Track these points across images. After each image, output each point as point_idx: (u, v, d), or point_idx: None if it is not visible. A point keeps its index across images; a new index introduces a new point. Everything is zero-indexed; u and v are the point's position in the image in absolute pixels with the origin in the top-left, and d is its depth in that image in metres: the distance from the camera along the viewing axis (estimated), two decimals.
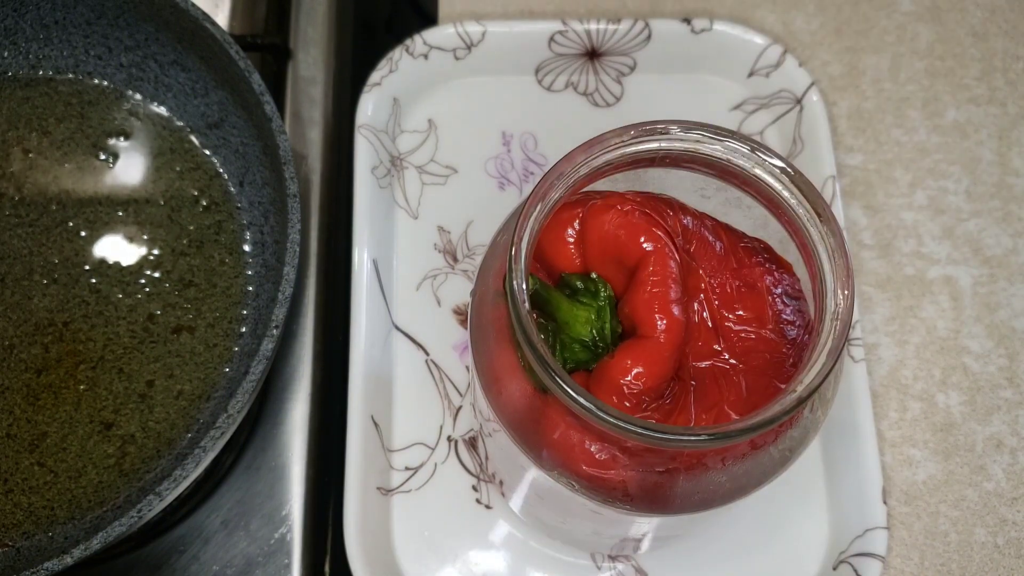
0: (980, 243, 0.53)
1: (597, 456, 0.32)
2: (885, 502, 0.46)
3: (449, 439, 0.48)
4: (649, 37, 0.54)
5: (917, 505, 0.48)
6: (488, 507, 0.47)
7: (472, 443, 0.48)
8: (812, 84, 0.53)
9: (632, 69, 0.55)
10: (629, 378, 0.31)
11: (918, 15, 0.58)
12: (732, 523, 0.47)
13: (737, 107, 0.54)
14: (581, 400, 0.29)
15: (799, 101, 0.53)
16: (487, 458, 0.47)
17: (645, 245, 0.33)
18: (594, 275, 0.34)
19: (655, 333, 0.32)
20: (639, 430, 0.29)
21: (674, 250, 0.33)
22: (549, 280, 0.35)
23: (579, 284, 0.34)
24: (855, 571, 0.45)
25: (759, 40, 0.54)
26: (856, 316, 0.49)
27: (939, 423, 0.49)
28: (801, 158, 0.53)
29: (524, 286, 0.31)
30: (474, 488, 0.47)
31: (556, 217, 0.34)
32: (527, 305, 0.30)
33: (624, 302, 0.33)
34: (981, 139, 0.55)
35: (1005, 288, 0.52)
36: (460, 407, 0.48)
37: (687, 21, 0.53)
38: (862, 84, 0.56)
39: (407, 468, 0.47)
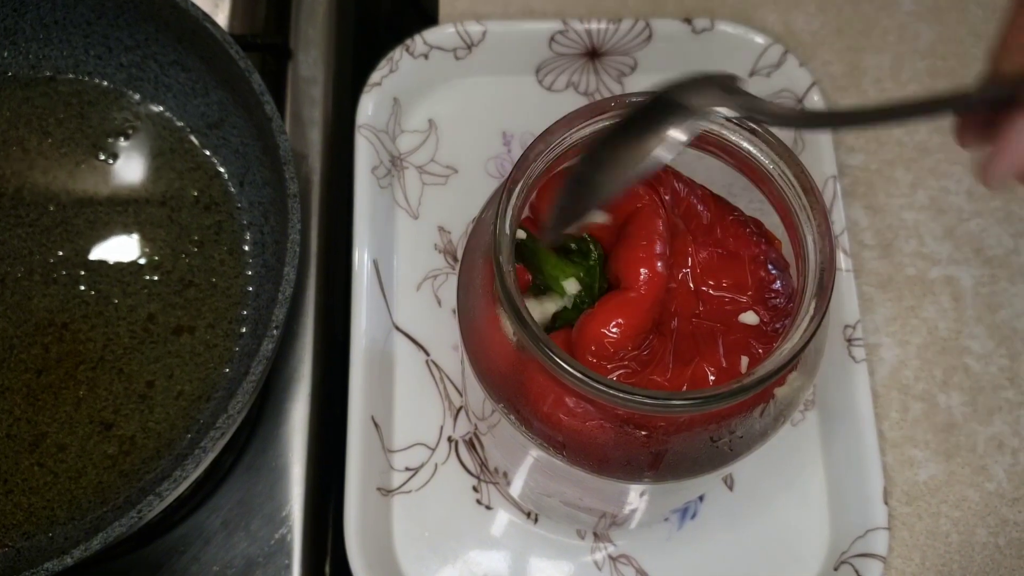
0: (981, 243, 0.53)
1: (575, 408, 0.32)
2: (886, 502, 0.46)
3: (449, 440, 0.48)
4: (650, 37, 0.54)
5: (918, 505, 0.48)
6: (488, 507, 0.47)
7: (472, 443, 0.48)
8: (813, 84, 0.53)
9: (633, 69, 0.55)
10: (607, 328, 0.32)
11: (919, 15, 0.57)
12: (733, 523, 0.47)
13: None
14: (548, 351, 0.30)
15: (800, 101, 0.53)
16: (487, 457, 0.47)
17: (634, 202, 0.33)
18: (585, 235, 0.34)
19: (636, 285, 0.32)
20: (605, 389, 0.29)
21: (662, 210, 0.33)
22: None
23: (572, 245, 0.35)
24: (856, 572, 0.45)
25: (760, 40, 0.53)
26: (857, 316, 0.49)
27: (940, 423, 0.49)
28: (802, 158, 0.52)
29: (509, 232, 0.31)
30: (475, 489, 0.47)
31: (554, 182, 0.35)
32: (510, 246, 0.31)
33: (611, 258, 0.34)
34: None
35: (1006, 288, 0.52)
36: (460, 407, 0.48)
37: (688, 21, 0.53)
38: (863, 84, 0.56)
39: (407, 469, 0.47)
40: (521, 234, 0.34)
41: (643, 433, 0.32)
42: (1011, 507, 0.48)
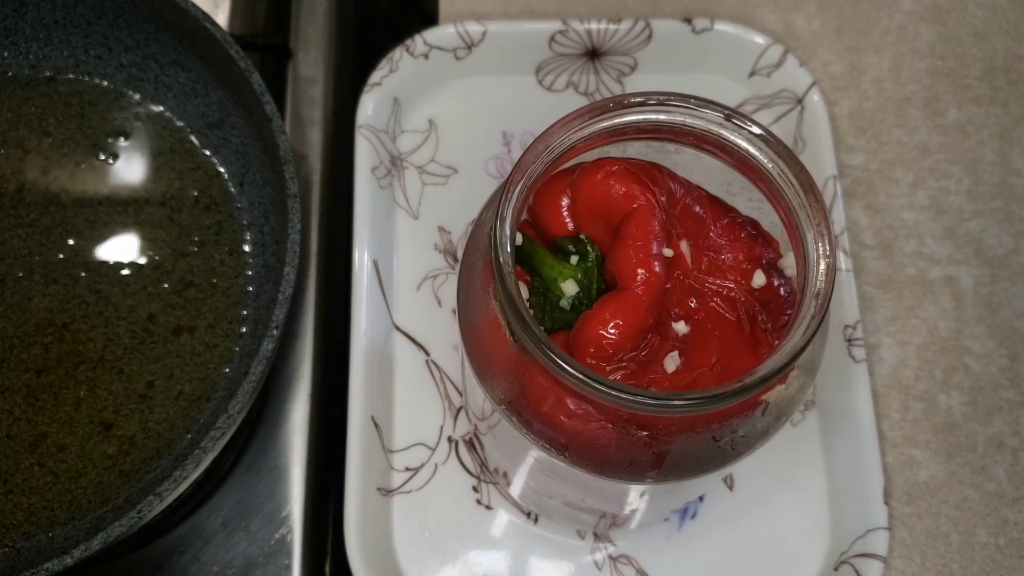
0: (981, 243, 0.53)
1: (576, 409, 0.32)
2: (886, 502, 0.46)
3: (449, 440, 0.48)
4: (650, 37, 0.54)
5: (919, 505, 0.48)
6: (488, 507, 0.47)
7: (472, 443, 0.48)
8: (813, 84, 0.53)
9: (633, 69, 0.55)
10: (606, 329, 0.32)
11: (919, 15, 0.57)
12: (733, 523, 0.47)
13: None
14: (549, 353, 0.30)
15: (800, 101, 0.53)
16: (487, 457, 0.47)
17: (630, 202, 0.33)
18: (582, 236, 0.35)
19: (634, 285, 0.32)
20: (607, 390, 0.29)
21: (658, 209, 0.33)
22: (545, 246, 0.36)
23: (570, 247, 0.35)
24: (856, 572, 0.45)
25: (760, 40, 0.53)
26: (857, 316, 0.49)
27: (940, 423, 0.49)
28: (802, 158, 0.52)
29: (508, 234, 0.31)
30: (475, 489, 0.47)
31: (550, 185, 0.35)
32: (509, 248, 0.31)
33: (608, 259, 0.34)
34: (983, 139, 0.55)
35: (1007, 288, 0.52)
36: (460, 407, 0.48)
37: (688, 21, 0.53)
38: (863, 84, 0.56)
39: (407, 469, 0.47)
40: (519, 236, 0.34)
41: (645, 434, 0.32)
42: (1011, 507, 0.48)
